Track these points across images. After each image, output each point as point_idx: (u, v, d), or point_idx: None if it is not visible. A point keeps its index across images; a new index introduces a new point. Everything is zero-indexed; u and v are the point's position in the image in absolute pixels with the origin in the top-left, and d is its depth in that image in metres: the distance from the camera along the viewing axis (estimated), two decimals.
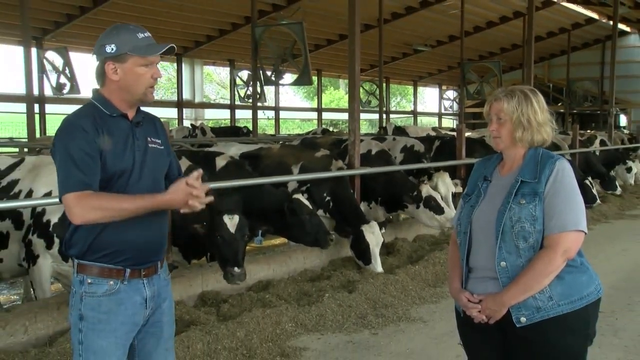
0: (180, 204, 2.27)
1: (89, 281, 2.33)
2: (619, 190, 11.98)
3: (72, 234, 2.34)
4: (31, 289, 4.81)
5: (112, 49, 2.30)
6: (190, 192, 2.24)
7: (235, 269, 4.61)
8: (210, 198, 2.31)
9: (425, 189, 7.20)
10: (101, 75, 2.36)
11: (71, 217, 2.24)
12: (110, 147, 2.29)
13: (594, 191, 10.65)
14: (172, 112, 21.19)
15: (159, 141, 2.48)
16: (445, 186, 7.75)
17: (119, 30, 2.34)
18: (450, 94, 31.25)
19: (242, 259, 4.71)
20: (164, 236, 2.50)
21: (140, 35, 2.33)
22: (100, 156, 2.27)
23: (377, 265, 6.11)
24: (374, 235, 6.14)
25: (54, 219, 4.39)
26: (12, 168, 4.85)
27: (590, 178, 10.94)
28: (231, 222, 4.70)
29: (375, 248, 6.13)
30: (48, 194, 4.38)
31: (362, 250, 6.15)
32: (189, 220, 4.66)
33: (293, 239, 6.08)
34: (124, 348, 2.38)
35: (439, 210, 7.09)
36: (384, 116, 21.09)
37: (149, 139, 2.43)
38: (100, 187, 2.28)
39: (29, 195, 4.53)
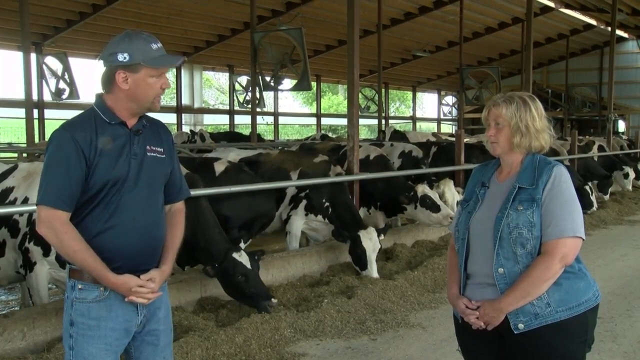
0: (119, 292, 2.33)
1: (80, 287, 2.33)
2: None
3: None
4: (28, 296, 4.79)
5: (125, 58, 2.27)
6: (133, 294, 2.31)
7: (273, 300, 4.77)
8: (159, 294, 2.39)
9: (421, 189, 7.26)
10: (109, 82, 2.34)
11: (37, 226, 2.30)
12: (105, 155, 2.29)
13: (593, 197, 10.65)
14: (171, 118, 21.21)
15: (161, 149, 2.46)
16: (451, 193, 7.80)
17: (132, 38, 2.31)
18: (449, 99, 31.35)
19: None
20: (158, 244, 2.47)
21: (154, 46, 2.31)
22: (92, 167, 2.27)
23: (373, 271, 6.12)
24: (371, 242, 6.15)
25: None
26: (4, 175, 4.80)
27: (589, 183, 10.94)
28: (242, 258, 4.76)
29: (371, 254, 6.14)
30: None
31: (358, 256, 6.16)
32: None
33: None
34: (115, 354, 2.38)
35: (435, 208, 7.20)
36: (383, 121, 21.13)
37: (148, 147, 2.41)
38: (95, 194, 2.29)
39: (25, 203, 4.48)
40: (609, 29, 18.49)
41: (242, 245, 5.74)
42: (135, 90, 2.31)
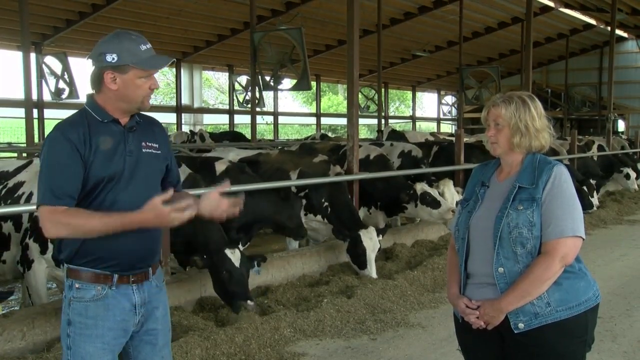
0: (154, 222, 2.24)
1: (77, 286, 2.32)
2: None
3: (62, 238, 2.33)
4: (28, 295, 4.80)
5: (113, 59, 2.27)
6: (163, 211, 2.19)
7: (249, 302, 4.71)
8: (191, 213, 2.26)
9: (420, 187, 7.27)
10: (98, 82, 2.34)
11: (43, 230, 2.25)
12: (100, 153, 2.29)
13: (595, 197, 10.63)
14: (171, 117, 21.22)
15: (156, 145, 2.46)
16: (451, 193, 7.81)
17: (121, 39, 2.30)
18: (449, 99, 31.36)
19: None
20: (156, 243, 2.47)
21: (143, 47, 2.31)
22: (87, 164, 2.26)
23: (372, 271, 6.12)
24: (371, 241, 6.15)
25: None
26: (19, 170, 4.89)
27: (591, 181, 10.88)
28: (234, 256, 4.74)
29: (371, 254, 6.14)
30: None
31: (358, 255, 6.16)
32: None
33: (280, 230, 6.32)
34: (113, 354, 2.37)
35: (435, 204, 7.22)
36: (383, 121, 21.12)
37: (143, 143, 2.41)
38: (89, 191, 2.29)
39: (29, 197, 4.54)
40: (609, 28, 18.50)
41: (241, 247, 5.73)
42: (124, 91, 2.31)
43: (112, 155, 2.32)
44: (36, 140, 13.29)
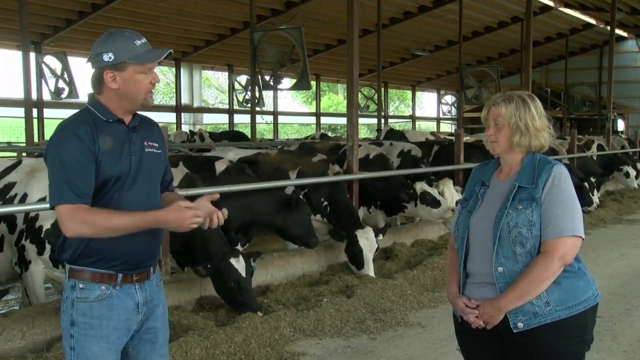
0: (173, 224, 2.26)
1: (81, 286, 2.32)
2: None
3: (65, 238, 2.32)
4: (26, 295, 4.79)
5: (110, 58, 2.28)
6: (186, 214, 2.23)
7: (258, 313, 4.73)
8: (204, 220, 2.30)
9: (420, 186, 7.28)
10: (99, 83, 2.34)
11: (63, 229, 2.24)
12: (107, 152, 2.29)
13: (596, 195, 10.61)
14: (170, 117, 21.22)
15: (156, 145, 2.48)
16: (451, 193, 7.82)
17: (115, 37, 2.31)
18: (449, 98, 31.36)
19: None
20: (157, 242, 2.49)
21: (138, 42, 2.31)
22: (96, 163, 2.26)
23: (370, 271, 6.12)
24: (367, 241, 6.15)
25: (47, 225, 4.36)
26: (8, 170, 4.82)
27: (592, 179, 10.86)
28: (239, 264, 4.74)
29: (368, 253, 6.15)
30: (43, 199, 4.34)
31: (355, 255, 6.17)
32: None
33: (286, 236, 6.18)
34: (117, 353, 2.38)
35: (435, 203, 7.23)
36: (382, 121, 21.13)
37: (146, 143, 2.42)
38: (96, 191, 2.28)
39: (23, 199, 4.51)
40: (609, 28, 18.51)
41: (239, 248, 5.71)
42: (125, 89, 2.31)
43: (119, 155, 2.32)
44: (36, 139, 13.31)
